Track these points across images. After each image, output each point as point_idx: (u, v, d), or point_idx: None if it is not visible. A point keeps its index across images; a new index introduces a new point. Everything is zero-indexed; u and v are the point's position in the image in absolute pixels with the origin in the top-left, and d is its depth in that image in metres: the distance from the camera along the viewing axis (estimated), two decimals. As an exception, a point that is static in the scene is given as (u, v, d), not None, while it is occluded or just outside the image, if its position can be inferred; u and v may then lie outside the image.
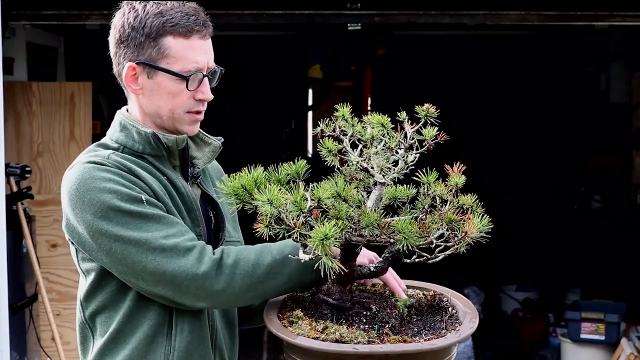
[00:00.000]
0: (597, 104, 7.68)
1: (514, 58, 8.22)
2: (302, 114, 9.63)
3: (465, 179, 1.92)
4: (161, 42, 1.98)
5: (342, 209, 1.82)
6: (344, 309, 1.91)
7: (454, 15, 5.10)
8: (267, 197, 1.79)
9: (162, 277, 1.88)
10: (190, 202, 2.05)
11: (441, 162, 1.97)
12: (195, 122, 2.06)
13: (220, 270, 1.89)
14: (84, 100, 5.55)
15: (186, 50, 1.99)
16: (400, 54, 8.40)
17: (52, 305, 4.97)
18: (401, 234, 1.78)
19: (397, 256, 1.92)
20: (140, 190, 1.93)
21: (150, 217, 1.90)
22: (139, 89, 2.04)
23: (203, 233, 2.06)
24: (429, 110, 1.97)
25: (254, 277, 1.91)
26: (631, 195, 7.30)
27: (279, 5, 5.08)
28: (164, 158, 2.05)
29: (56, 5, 5.07)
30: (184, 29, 1.98)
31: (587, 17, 5.14)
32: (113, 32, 2.05)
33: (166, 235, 1.89)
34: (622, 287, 6.76)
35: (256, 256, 1.92)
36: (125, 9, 2.03)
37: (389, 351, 1.76)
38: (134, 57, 2.01)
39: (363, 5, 5.06)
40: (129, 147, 2.04)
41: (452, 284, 2.21)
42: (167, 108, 2.02)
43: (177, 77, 1.99)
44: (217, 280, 1.89)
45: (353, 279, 1.95)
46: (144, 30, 1.98)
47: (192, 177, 2.12)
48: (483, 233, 1.84)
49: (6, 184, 4.81)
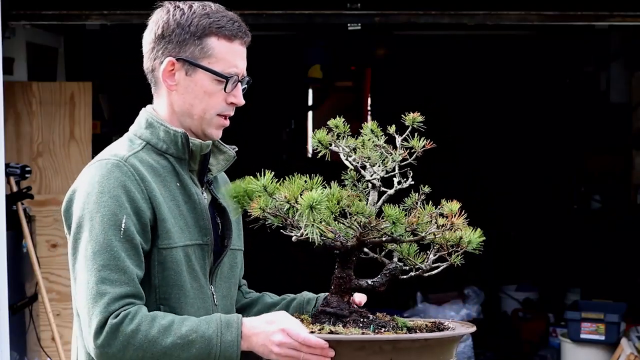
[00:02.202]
0: (597, 104, 7.68)
1: (514, 58, 8.21)
2: (302, 114, 9.63)
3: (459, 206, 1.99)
4: (205, 42, 2.04)
5: (333, 199, 1.87)
6: (341, 316, 1.97)
7: (454, 15, 5.10)
8: (262, 183, 1.87)
9: (79, 306, 1.97)
10: (201, 211, 2.08)
11: (441, 162, 2.01)
12: (222, 126, 2.11)
13: (116, 335, 1.90)
14: (84, 100, 5.55)
15: (229, 53, 2.06)
16: (400, 54, 8.40)
17: (52, 305, 4.97)
18: (389, 218, 1.85)
19: (395, 273, 2.00)
20: (132, 210, 1.96)
21: (108, 249, 1.93)
22: (174, 84, 2.07)
23: (211, 242, 2.08)
24: (415, 118, 2.06)
25: (147, 353, 1.90)
26: (631, 195, 7.30)
27: (279, 5, 5.08)
28: (184, 161, 2.08)
29: (56, 5, 5.07)
30: (229, 32, 2.05)
31: (587, 17, 5.14)
32: (153, 28, 2.08)
33: (104, 279, 1.92)
34: (622, 287, 6.76)
35: (158, 333, 1.90)
36: (169, 7, 2.08)
37: (383, 339, 1.84)
38: (175, 53, 2.05)
39: (363, 5, 5.06)
40: (153, 145, 2.07)
41: (452, 284, 2.22)
42: (200, 107, 2.06)
43: (217, 77, 2.05)
44: (110, 345, 1.90)
45: (351, 289, 2.01)
46: (190, 28, 2.03)
47: (207, 182, 2.15)
48: (476, 245, 1.92)
49: (6, 184, 4.81)
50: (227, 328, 1.91)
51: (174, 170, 2.06)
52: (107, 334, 1.89)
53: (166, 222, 2.00)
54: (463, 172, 8.33)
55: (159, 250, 2.00)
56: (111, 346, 1.90)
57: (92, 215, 1.95)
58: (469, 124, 8.41)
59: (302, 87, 9.32)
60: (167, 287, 2.01)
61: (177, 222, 2.02)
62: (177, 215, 2.03)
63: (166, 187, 2.04)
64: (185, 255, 2.03)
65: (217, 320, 1.92)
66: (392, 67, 8.61)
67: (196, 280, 2.06)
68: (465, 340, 6.41)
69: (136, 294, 1.94)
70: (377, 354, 1.84)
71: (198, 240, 2.06)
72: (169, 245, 2.00)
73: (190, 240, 2.05)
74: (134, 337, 1.89)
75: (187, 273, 2.03)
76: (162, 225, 2.00)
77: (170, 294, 2.02)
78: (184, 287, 2.03)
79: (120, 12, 5.05)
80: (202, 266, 2.08)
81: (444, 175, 7.57)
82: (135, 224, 1.96)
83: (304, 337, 1.85)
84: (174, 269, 2.01)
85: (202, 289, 2.07)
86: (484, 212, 1.89)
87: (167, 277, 2.01)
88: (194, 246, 2.05)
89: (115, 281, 1.91)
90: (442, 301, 6.99)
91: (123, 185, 1.96)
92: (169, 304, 2.01)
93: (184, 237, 2.03)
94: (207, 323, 1.91)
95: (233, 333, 1.90)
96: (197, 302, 2.06)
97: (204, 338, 1.90)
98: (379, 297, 2.16)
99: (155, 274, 2.01)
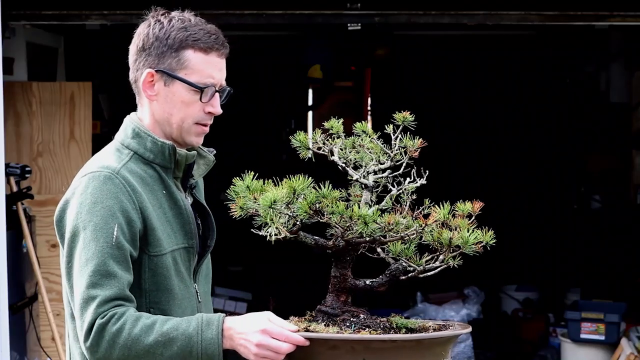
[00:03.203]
0: (597, 104, 7.67)
1: (514, 58, 8.21)
2: (302, 114, 9.62)
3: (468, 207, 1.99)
4: (182, 54, 2.14)
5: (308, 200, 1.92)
6: (333, 315, 2.01)
7: (454, 15, 5.10)
8: (245, 184, 1.95)
9: (74, 311, 2.06)
10: (187, 216, 2.18)
11: (442, 161, 2.01)
12: (202, 134, 2.20)
13: (102, 335, 1.98)
14: (84, 100, 5.55)
15: (204, 65, 2.14)
16: (400, 54, 8.39)
17: (52, 305, 4.97)
18: (361, 218, 1.88)
19: (395, 274, 2.03)
20: (123, 219, 2.04)
21: (99, 256, 2.01)
22: (154, 95, 2.17)
23: (196, 245, 2.20)
24: (406, 117, 2.09)
25: (132, 351, 1.98)
26: (631, 195, 7.30)
27: (279, 5, 5.08)
28: (169, 170, 2.17)
29: (56, 5, 5.07)
30: (204, 45, 2.14)
31: (587, 17, 5.14)
32: (136, 40, 2.19)
33: (94, 284, 1.99)
34: (622, 287, 6.76)
35: (140, 331, 1.98)
36: (151, 21, 2.18)
37: (346, 338, 1.88)
38: (154, 65, 2.15)
39: (363, 5, 5.06)
40: (140, 154, 2.16)
41: (452, 284, 2.23)
42: (178, 116, 2.16)
43: (193, 88, 2.13)
44: (98, 346, 1.99)
45: (347, 289, 2.05)
46: (167, 41, 2.14)
47: (189, 187, 2.25)
48: (473, 246, 1.93)
49: (6, 184, 4.81)
50: (207, 326, 1.97)
51: (160, 179, 2.16)
52: (95, 334, 1.98)
53: (156, 230, 2.10)
54: (463, 172, 8.33)
55: (150, 258, 2.10)
56: (99, 346, 1.98)
57: (85, 225, 2.04)
58: (469, 123, 8.41)
59: (302, 87, 9.31)
60: (157, 291, 2.11)
61: (165, 229, 2.13)
62: (165, 222, 2.13)
63: (154, 195, 2.14)
64: (173, 260, 2.14)
65: (199, 318, 1.99)
66: (392, 67, 8.61)
67: (182, 281, 2.17)
68: (465, 340, 6.41)
69: (125, 297, 2.02)
70: (350, 354, 1.87)
71: (184, 244, 2.17)
72: (159, 252, 2.10)
73: (177, 245, 2.15)
74: (118, 336, 1.97)
75: (175, 277, 2.14)
76: (152, 234, 2.09)
77: (161, 298, 2.11)
78: (173, 291, 2.13)
79: (120, 12, 5.05)
80: (187, 267, 2.19)
81: (444, 175, 7.57)
82: (126, 233, 2.04)
83: (286, 335, 1.90)
84: (163, 274, 2.11)
85: (188, 289, 2.18)
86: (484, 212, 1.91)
87: (157, 282, 2.11)
88: (180, 249, 2.16)
89: (105, 285, 2.00)
90: (442, 301, 6.99)
91: (115, 197, 2.05)
92: (159, 307, 2.11)
93: (171, 243, 2.14)
94: (188, 322, 1.99)
95: (213, 331, 1.96)
96: (184, 302, 2.16)
97: (184, 335, 1.96)
98: (380, 297, 2.17)
99: (145, 279, 2.10)
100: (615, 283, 6.86)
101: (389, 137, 2.11)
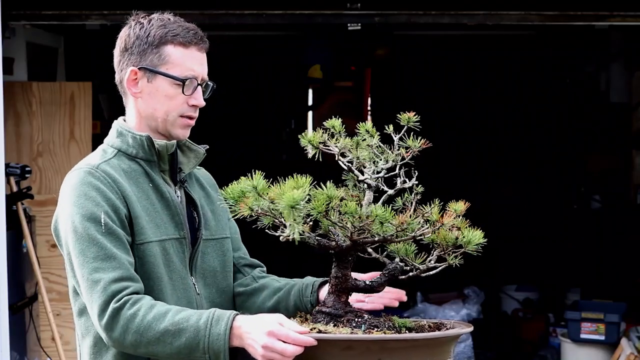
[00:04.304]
0: (597, 104, 7.67)
1: (514, 58, 8.21)
2: (302, 114, 9.62)
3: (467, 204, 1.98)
4: (162, 50, 2.21)
5: (322, 199, 1.90)
6: (336, 316, 2.00)
7: (454, 15, 5.10)
8: (252, 184, 1.95)
9: (84, 299, 2.12)
10: (174, 207, 2.24)
11: (442, 161, 2.01)
12: (187, 127, 2.26)
13: (117, 319, 2.04)
14: (84, 100, 5.55)
15: (184, 58, 2.21)
16: (400, 54, 8.39)
17: (52, 305, 4.97)
18: (377, 218, 1.87)
19: (394, 273, 2.03)
20: (108, 207, 2.11)
21: (94, 243, 2.08)
22: (138, 92, 2.24)
23: (187, 235, 2.25)
24: (410, 118, 2.09)
25: (144, 338, 2.02)
26: (631, 195, 7.30)
27: (279, 5, 5.08)
28: (154, 163, 2.24)
29: (56, 5, 5.07)
30: (183, 39, 2.21)
31: (587, 17, 5.14)
32: (119, 43, 2.28)
33: (96, 268, 2.06)
34: (622, 287, 6.76)
35: (153, 318, 2.02)
36: (132, 23, 2.26)
37: (367, 338, 1.87)
38: (137, 63, 2.23)
39: (363, 5, 5.06)
40: (124, 151, 2.24)
41: (453, 284, 2.23)
42: (162, 110, 2.23)
43: (175, 81, 2.20)
44: (113, 329, 2.04)
45: (348, 289, 2.03)
46: (148, 39, 2.21)
47: (180, 181, 2.29)
48: (477, 245, 1.93)
49: (6, 184, 4.81)
50: (217, 322, 1.99)
51: (145, 173, 2.23)
52: (109, 317, 2.03)
53: (140, 219, 2.15)
54: (463, 172, 8.33)
55: (137, 246, 2.15)
56: (114, 330, 2.03)
57: (73, 218, 2.11)
58: (469, 123, 8.41)
59: (302, 87, 9.31)
60: (146, 279, 2.14)
61: (153, 219, 2.18)
62: (152, 212, 2.19)
63: (139, 187, 2.20)
64: (163, 249, 2.18)
65: (210, 313, 2.01)
66: (392, 67, 8.61)
67: (175, 271, 2.21)
68: (465, 340, 6.41)
69: (130, 276, 2.08)
70: (365, 354, 1.86)
71: (175, 235, 2.22)
72: (144, 240, 2.15)
73: (167, 235, 2.20)
74: (132, 321, 2.02)
75: (164, 266, 2.18)
76: (136, 222, 2.15)
77: (152, 286, 2.15)
78: (162, 279, 2.16)
79: (120, 12, 5.05)
80: (181, 259, 2.23)
81: (443, 175, 7.57)
82: (114, 219, 2.12)
83: (293, 337, 1.90)
84: (151, 262, 2.15)
85: (183, 280, 2.22)
86: (484, 212, 1.90)
87: (146, 270, 2.15)
88: (171, 240, 2.21)
89: (107, 268, 2.06)
90: (442, 301, 6.99)
91: (97, 188, 2.13)
92: (150, 294, 2.12)
93: (159, 233, 2.19)
94: (199, 315, 2.01)
95: (222, 327, 1.97)
96: (178, 292, 2.20)
97: (194, 328, 1.99)
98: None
99: (135, 267, 2.13)
100: (615, 283, 6.85)
101: (389, 137, 2.11)
